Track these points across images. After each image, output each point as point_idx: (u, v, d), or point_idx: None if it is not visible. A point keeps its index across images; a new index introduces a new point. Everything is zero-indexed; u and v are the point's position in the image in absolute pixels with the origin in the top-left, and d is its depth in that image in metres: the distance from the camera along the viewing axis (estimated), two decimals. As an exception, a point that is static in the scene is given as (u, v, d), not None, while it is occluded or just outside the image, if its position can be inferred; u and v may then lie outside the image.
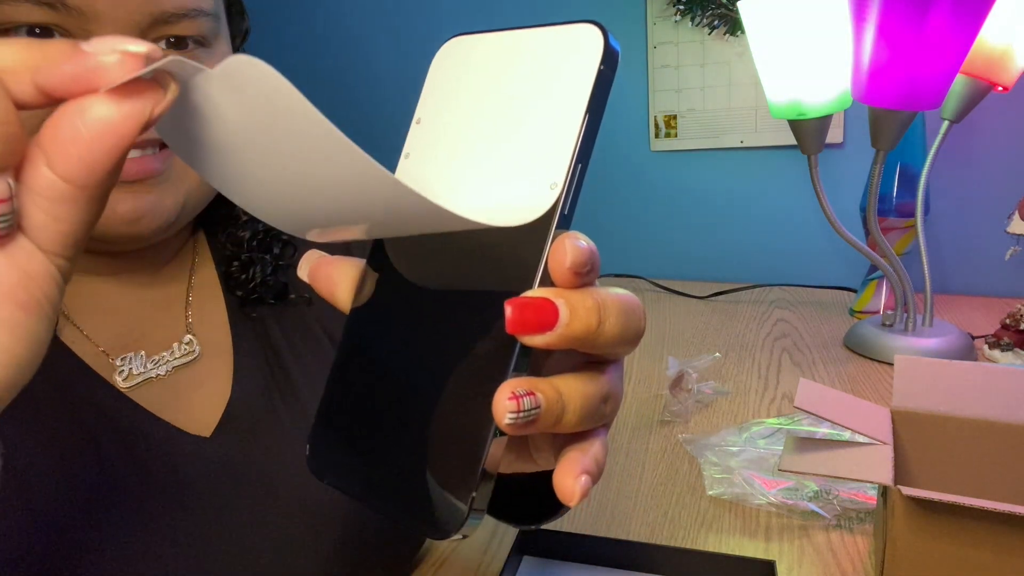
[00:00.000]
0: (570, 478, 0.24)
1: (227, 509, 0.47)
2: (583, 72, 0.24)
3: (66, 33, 0.40)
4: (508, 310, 0.22)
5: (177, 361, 0.50)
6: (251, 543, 0.47)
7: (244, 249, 0.54)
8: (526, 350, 0.23)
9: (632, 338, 0.25)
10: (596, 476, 0.25)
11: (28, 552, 0.41)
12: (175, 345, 0.51)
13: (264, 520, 0.48)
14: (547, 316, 0.22)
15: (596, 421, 0.25)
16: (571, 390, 0.23)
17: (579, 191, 0.24)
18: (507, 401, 0.21)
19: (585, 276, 0.23)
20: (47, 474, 0.42)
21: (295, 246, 0.58)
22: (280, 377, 0.53)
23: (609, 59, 0.23)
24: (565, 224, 0.23)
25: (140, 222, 0.44)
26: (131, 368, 0.48)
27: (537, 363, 0.30)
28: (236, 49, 0.52)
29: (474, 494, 0.22)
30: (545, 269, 0.23)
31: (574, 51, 0.24)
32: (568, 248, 0.22)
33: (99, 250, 0.47)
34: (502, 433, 0.22)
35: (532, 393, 0.22)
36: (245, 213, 0.55)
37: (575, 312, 0.22)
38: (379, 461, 0.25)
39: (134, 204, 0.43)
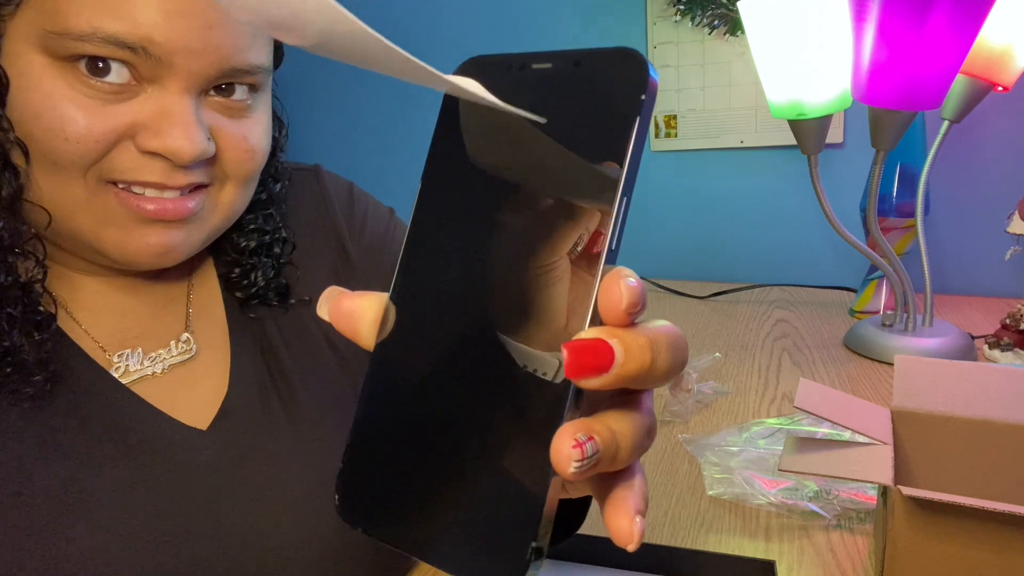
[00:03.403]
0: (626, 520, 0.23)
1: (217, 502, 0.48)
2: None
3: (135, 72, 0.41)
4: (565, 354, 0.21)
5: (174, 359, 0.50)
6: (240, 537, 0.48)
7: (246, 256, 0.54)
8: (579, 391, 0.22)
9: (678, 371, 0.24)
10: (646, 512, 0.24)
11: (16, 532, 0.41)
12: (172, 343, 0.51)
13: (254, 514, 0.49)
14: (603, 359, 0.21)
15: (640, 455, 0.24)
16: (622, 428, 0.23)
17: (625, 223, 0.23)
18: (572, 449, 0.20)
19: (637, 315, 0.22)
20: (42, 458, 0.43)
21: (293, 244, 0.57)
22: (277, 376, 0.54)
23: (651, 90, 0.22)
24: (612, 259, 0.22)
25: (167, 255, 0.46)
26: (128, 365, 0.48)
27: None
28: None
29: (535, 543, 0.21)
30: (595, 307, 0.22)
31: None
32: (623, 290, 0.21)
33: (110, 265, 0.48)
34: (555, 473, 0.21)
35: (592, 438, 0.21)
36: (252, 222, 0.55)
37: (630, 352, 0.22)
38: (422, 509, 0.23)
39: (166, 239, 0.45)
